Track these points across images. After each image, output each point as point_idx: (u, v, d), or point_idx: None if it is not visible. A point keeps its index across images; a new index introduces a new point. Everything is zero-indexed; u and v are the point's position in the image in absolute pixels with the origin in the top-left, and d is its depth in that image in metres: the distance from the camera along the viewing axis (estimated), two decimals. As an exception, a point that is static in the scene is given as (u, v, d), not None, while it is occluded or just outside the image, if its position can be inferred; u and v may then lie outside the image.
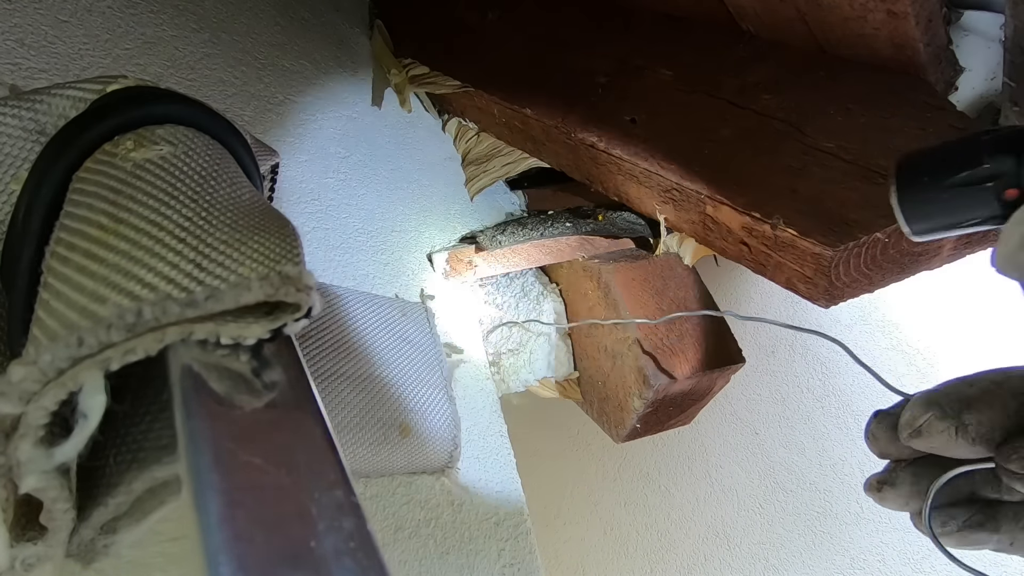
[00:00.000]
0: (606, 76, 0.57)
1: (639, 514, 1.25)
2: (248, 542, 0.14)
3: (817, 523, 1.12)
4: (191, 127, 0.25)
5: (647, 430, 0.69)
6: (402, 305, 0.54)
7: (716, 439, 1.23)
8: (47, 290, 0.19)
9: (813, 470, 1.15)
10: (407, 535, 0.46)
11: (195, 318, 0.18)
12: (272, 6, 0.62)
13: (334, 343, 0.45)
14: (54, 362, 0.17)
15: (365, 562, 0.15)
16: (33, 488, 0.18)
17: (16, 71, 0.37)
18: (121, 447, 0.22)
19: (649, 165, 0.50)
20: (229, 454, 0.16)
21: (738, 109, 0.47)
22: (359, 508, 0.16)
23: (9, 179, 0.23)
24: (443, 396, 0.52)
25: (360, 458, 0.43)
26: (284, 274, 0.19)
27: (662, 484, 1.26)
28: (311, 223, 0.53)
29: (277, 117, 0.56)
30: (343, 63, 0.68)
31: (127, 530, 0.23)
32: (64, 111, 0.24)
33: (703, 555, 1.18)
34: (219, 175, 0.24)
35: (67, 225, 0.20)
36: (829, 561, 1.10)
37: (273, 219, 0.23)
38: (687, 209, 0.49)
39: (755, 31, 0.49)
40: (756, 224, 0.43)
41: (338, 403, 0.43)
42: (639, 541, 1.23)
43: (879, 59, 0.41)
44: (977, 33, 0.40)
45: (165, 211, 0.21)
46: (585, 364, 0.74)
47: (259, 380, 0.19)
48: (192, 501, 0.15)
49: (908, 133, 0.39)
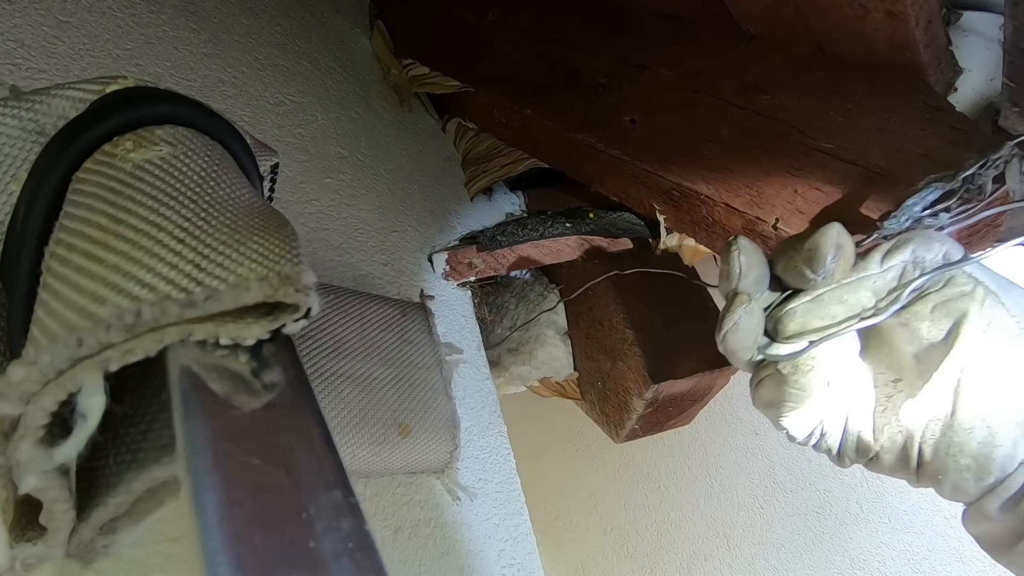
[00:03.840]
0: (606, 76, 0.57)
1: (639, 514, 1.25)
2: (247, 542, 0.14)
3: (817, 523, 1.12)
4: (191, 128, 0.25)
5: (647, 430, 0.69)
6: (402, 305, 0.54)
7: (716, 439, 1.23)
8: (46, 291, 0.19)
9: (813, 470, 1.15)
10: (407, 535, 0.46)
11: (194, 319, 0.18)
12: (272, 6, 0.62)
13: (334, 343, 0.45)
14: (54, 363, 0.17)
15: (364, 562, 0.15)
16: (33, 488, 0.18)
17: (16, 71, 0.37)
18: (120, 447, 0.22)
19: (649, 165, 0.50)
20: (228, 454, 0.16)
21: (738, 109, 0.47)
22: (358, 508, 0.16)
23: (9, 180, 0.23)
24: (443, 396, 0.52)
25: (360, 458, 0.43)
26: (283, 274, 0.19)
27: (662, 484, 1.26)
28: (311, 223, 0.53)
29: (277, 117, 0.56)
30: (343, 63, 0.68)
31: (126, 530, 0.23)
32: (64, 111, 0.24)
33: (703, 555, 1.18)
34: (218, 176, 0.24)
35: (67, 226, 0.21)
36: (829, 561, 1.10)
37: (272, 219, 0.23)
38: (687, 209, 0.49)
39: (755, 31, 0.49)
40: (756, 224, 0.43)
41: (338, 403, 0.43)
42: (639, 541, 1.23)
43: (879, 60, 0.41)
44: (977, 34, 0.40)
45: (164, 212, 0.21)
46: (585, 364, 0.74)
47: (258, 380, 0.19)
48: (191, 501, 0.15)
49: (908, 133, 0.39)
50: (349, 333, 0.47)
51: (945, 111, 0.39)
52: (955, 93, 0.42)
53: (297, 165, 0.55)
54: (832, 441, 0.33)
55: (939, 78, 0.41)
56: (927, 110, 0.39)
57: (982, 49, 0.40)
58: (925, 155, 0.38)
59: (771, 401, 0.34)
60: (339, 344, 0.45)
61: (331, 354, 0.44)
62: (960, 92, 0.42)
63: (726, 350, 0.33)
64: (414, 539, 0.47)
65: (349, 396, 0.44)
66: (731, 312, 0.32)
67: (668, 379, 0.62)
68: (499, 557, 0.53)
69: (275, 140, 0.54)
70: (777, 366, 0.33)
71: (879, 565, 1.06)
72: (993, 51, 0.39)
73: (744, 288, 0.32)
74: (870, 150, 0.40)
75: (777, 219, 0.42)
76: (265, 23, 0.60)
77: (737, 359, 0.34)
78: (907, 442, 0.31)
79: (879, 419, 0.32)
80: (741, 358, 0.34)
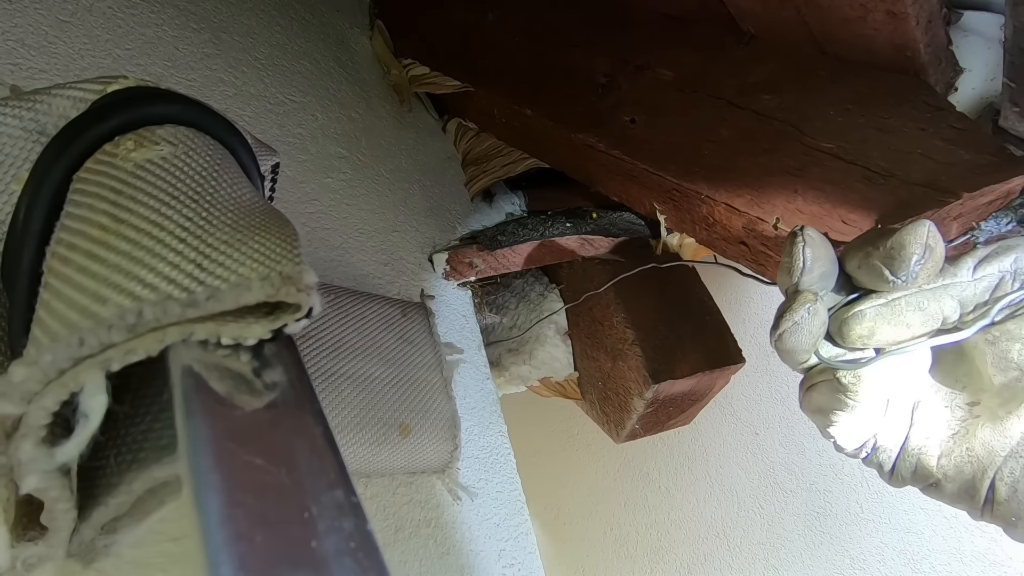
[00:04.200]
0: (606, 76, 0.57)
1: (639, 514, 1.25)
2: (248, 542, 0.14)
3: (817, 523, 1.12)
4: (192, 127, 0.25)
5: (647, 430, 0.69)
6: (402, 305, 0.54)
7: (716, 439, 1.23)
8: (48, 290, 0.19)
9: (813, 470, 1.15)
10: (407, 535, 0.46)
11: (196, 318, 0.18)
12: (272, 6, 0.62)
13: (334, 343, 0.45)
14: (55, 362, 0.17)
15: (365, 562, 0.15)
16: (34, 488, 0.18)
17: (16, 71, 0.37)
18: (121, 447, 0.22)
19: (649, 165, 0.50)
20: (229, 454, 0.16)
21: (738, 109, 0.47)
22: (360, 508, 0.16)
23: (10, 179, 0.23)
24: (443, 396, 0.52)
25: (360, 458, 0.43)
26: (285, 274, 0.19)
27: (662, 484, 1.26)
28: (311, 223, 0.53)
29: (277, 117, 0.56)
30: (343, 63, 0.68)
31: (127, 530, 0.23)
32: (64, 111, 0.24)
33: (703, 555, 1.18)
34: (220, 175, 0.24)
35: (68, 225, 0.20)
36: (829, 561, 1.10)
37: (273, 219, 0.23)
38: (687, 209, 0.49)
39: (755, 31, 0.49)
40: (756, 224, 0.43)
41: (338, 403, 0.43)
42: (639, 541, 1.23)
43: (879, 60, 0.41)
44: (977, 34, 0.40)
45: (166, 211, 0.21)
46: (585, 364, 0.74)
47: (260, 380, 0.19)
48: (192, 501, 0.15)
49: (908, 133, 0.39)
50: (350, 333, 0.47)
51: (945, 111, 0.39)
52: (955, 93, 0.42)
53: (297, 165, 0.55)
54: (886, 458, 0.30)
55: (939, 78, 0.41)
56: (927, 110, 0.39)
57: (982, 49, 0.40)
58: (925, 155, 0.38)
59: (822, 408, 0.31)
60: (340, 344, 0.45)
61: (332, 354, 0.44)
62: (960, 92, 0.42)
63: (780, 350, 0.30)
64: (415, 539, 0.47)
65: (350, 396, 0.44)
66: (791, 311, 0.28)
67: (668, 379, 0.62)
68: (499, 557, 0.53)
69: (275, 140, 0.54)
70: (835, 373, 0.30)
71: (879, 565, 1.06)
72: (993, 51, 0.39)
73: (807, 285, 0.29)
74: (870, 150, 0.40)
75: (777, 219, 0.42)
76: (265, 23, 0.60)
77: (790, 360, 0.31)
78: (977, 475, 0.28)
79: (945, 444, 0.29)
80: (795, 360, 0.31)
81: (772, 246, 0.43)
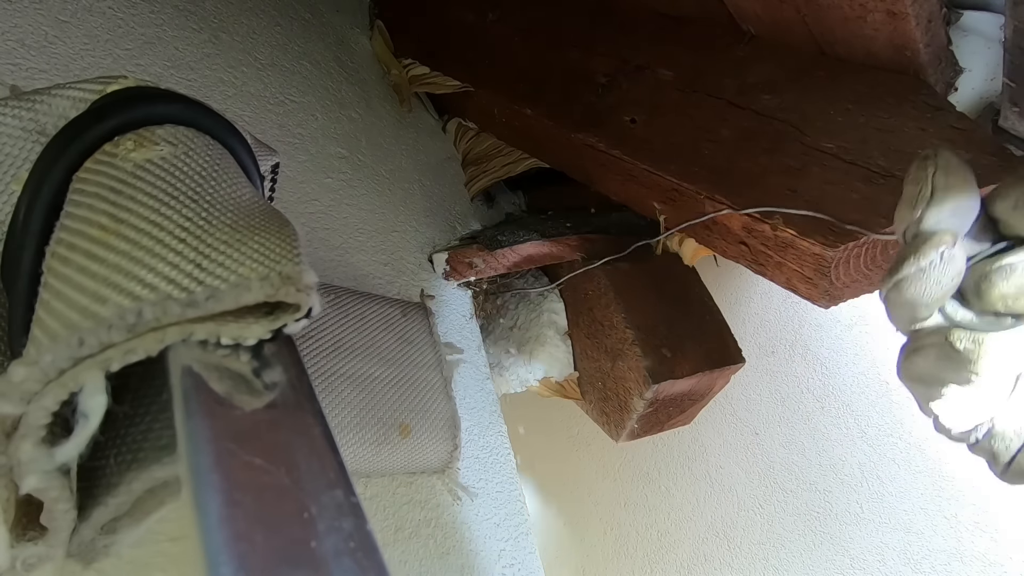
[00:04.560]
0: (606, 76, 0.57)
1: (639, 514, 1.25)
2: (248, 542, 0.14)
3: (817, 523, 1.12)
4: (191, 127, 0.25)
5: (647, 430, 0.69)
6: (402, 305, 0.54)
7: (716, 439, 1.23)
8: (48, 290, 0.19)
9: (813, 470, 1.15)
10: (407, 535, 0.46)
11: (195, 318, 0.18)
12: (272, 6, 0.62)
13: (334, 343, 0.45)
14: (55, 362, 0.17)
15: (365, 562, 0.15)
16: (34, 488, 0.18)
17: (16, 71, 0.37)
18: (121, 447, 0.22)
19: (649, 165, 0.50)
20: (229, 454, 0.16)
21: (738, 109, 0.47)
22: (359, 508, 0.16)
23: (10, 179, 0.23)
24: (443, 396, 0.52)
25: (360, 458, 0.43)
26: (284, 274, 0.19)
27: (662, 484, 1.25)
28: (311, 223, 0.53)
29: (277, 117, 0.56)
30: (343, 63, 0.68)
31: (127, 530, 0.23)
32: (64, 111, 0.24)
33: (703, 555, 1.18)
34: (219, 175, 0.24)
35: (68, 225, 0.20)
36: (829, 561, 1.10)
37: (273, 219, 0.23)
38: (687, 209, 0.49)
39: (755, 31, 0.49)
40: (756, 224, 0.43)
41: (338, 403, 0.43)
42: (639, 541, 1.23)
43: (879, 60, 0.41)
44: (977, 34, 0.40)
45: (165, 211, 0.21)
46: (585, 364, 0.74)
47: (259, 380, 0.19)
48: (192, 501, 0.15)
49: (908, 133, 0.39)
50: (349, 333, 0.47)
51: (945, 111, 0.39)
52: (955, 93, 0.42)
53: (297, 165, 0.55)
54: (1002, 448, 0.24)
55: (939, 78, 0.41)
56: (927, 110, 0.39)
57: (982, 49, 0.40)
58: (925, 155, 0.38)
59: (927, 377, 0.25)
60: (339, 344, 0.45)
61: (331, 354, 0.44)
62: (960, 92, 0.42)
63: (894, 302, 0.24)
64: (414, 539, 0.47)
65: (349, 396, 0.44)
66: (920, 253, 0.22)
67: (668, 379, 0.62)
68: (499, 557, 0.53)
69: (275, 140, 0.54)
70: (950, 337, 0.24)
71: (879, 565, 1.06)
72: (993, 51, 0.39)
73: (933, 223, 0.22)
74: (870, 150, 0.40)
75: (778, 219, 0.41)
76: (265, 23, 0.60)
77: (904, 316, 0.25)
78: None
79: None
80: (913, 316, 0.24)
81: (772, 246, 0.43)
